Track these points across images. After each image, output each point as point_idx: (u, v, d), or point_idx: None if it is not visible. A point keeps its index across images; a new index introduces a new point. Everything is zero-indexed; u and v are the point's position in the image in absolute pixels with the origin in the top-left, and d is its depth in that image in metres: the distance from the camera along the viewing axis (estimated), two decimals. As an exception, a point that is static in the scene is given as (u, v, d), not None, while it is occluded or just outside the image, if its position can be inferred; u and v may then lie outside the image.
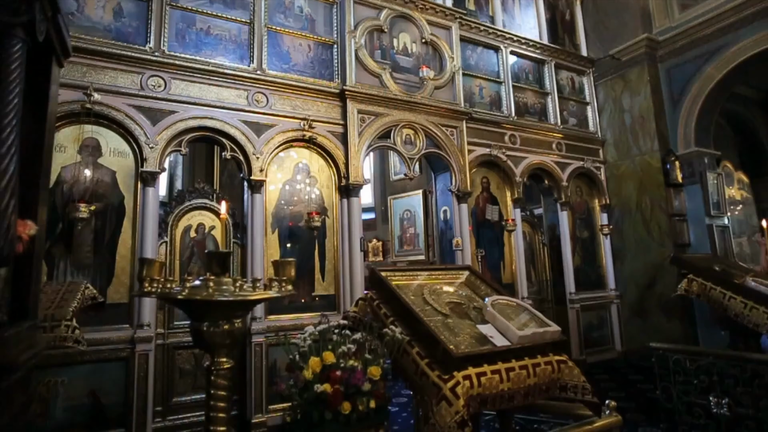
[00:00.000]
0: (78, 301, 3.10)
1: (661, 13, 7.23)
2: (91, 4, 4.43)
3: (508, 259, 6.68)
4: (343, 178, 5.45)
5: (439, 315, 2.12)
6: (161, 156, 4.53)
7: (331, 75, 5.61)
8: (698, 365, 3.30)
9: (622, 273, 7.42)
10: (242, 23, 5.13)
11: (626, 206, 7.42)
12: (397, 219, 11.32)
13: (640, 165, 7.23)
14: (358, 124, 5.59)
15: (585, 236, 7.56)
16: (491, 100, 7.01)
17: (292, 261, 1.82)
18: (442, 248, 6.55)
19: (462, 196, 6.24)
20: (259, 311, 4.82)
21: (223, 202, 2.11)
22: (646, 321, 7.00)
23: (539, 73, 7.65)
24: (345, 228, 5.44)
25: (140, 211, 4.42)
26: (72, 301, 3.05)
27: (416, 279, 2.38)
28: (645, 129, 7.16)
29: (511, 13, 7.55)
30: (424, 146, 6.06)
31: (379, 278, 2.24)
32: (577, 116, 7.88)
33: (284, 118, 5.19)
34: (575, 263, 7.23)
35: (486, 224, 6.64)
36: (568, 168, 7.44)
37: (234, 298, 1.51)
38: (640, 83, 7.24)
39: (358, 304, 2.31)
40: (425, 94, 6.09)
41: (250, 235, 4.92)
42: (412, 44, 6.20)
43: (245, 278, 1.70)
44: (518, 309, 2.22)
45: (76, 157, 4.25)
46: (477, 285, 2.48)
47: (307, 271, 5.23)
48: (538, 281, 7.40)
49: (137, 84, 4.49)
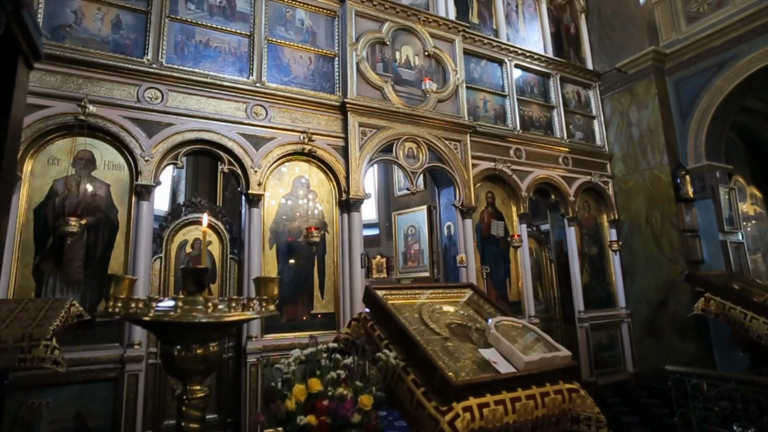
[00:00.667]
0: (61, 319, 2.94)
1: (667, 26, 7.13)
2: (89, 16, 4.39)
3: (514, 276, 6.47)
4: (343, 192, 5.32)
5: (438, 338, 1.94)
6: (156, 169, 4.42)
7: (332, 88, 5.53)
8: (719, 391, 3.07)
9: (633, 291, 7.17)
10: (242, 36, 5.08)
11: (636, 222, 7.21)
12: (402, 235, 11.16)
13: (649, 179, 7.05)
14: (359, 138, 5.48)
15: (593, 252, 7.34)
16: (496, 113, 6.90)
17: (275, 278, 1.66)
18: (446, 265, 6.37)
19: (466, 211, 6.08)
20: (255, 330, 4.65)
21: (204, 215, 1.96)
22: (658, 341, 6.72)
23: (544, 86, 7.54)
24: (345, 244, 5.29)
25: (134, 226, 4.30)
26: (54, 319, 2.89)
27: (414, 298, 2.21)
28: (653, 142, 6.99)
29: (515, 27, 7.48)
30: (427, 160, 5.93)
31: (373, 297, 2.07)
32: (583, 130, 7.74)
33: (284, 131, 5.09)
34: (584, 280, 7.01)
35: (491, 240, 6.45)
36: (575, 182, 7.27)
37: (206, 320, 1.36)
38: (648, 96, 7.10)
39: (351, 325, 2.14)
40: (428, 107, 5.99)
41: (247, 250, 4.78)
42: (414, 57, 6.13)
43: (225, 297, 1.54)
44: (524, 331, 2.04)
45: (69, 170, 4.15)
46: (480, 304, 2.30)
47: (306, 289, 5.07)
48: (545, 299, 7.18)
49: (134, 96, 4.41)
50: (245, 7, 5.15)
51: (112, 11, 4.50)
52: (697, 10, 6.85)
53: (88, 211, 4.16)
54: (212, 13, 4.98)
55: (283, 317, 4.91)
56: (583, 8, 8.24)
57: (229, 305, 1.43)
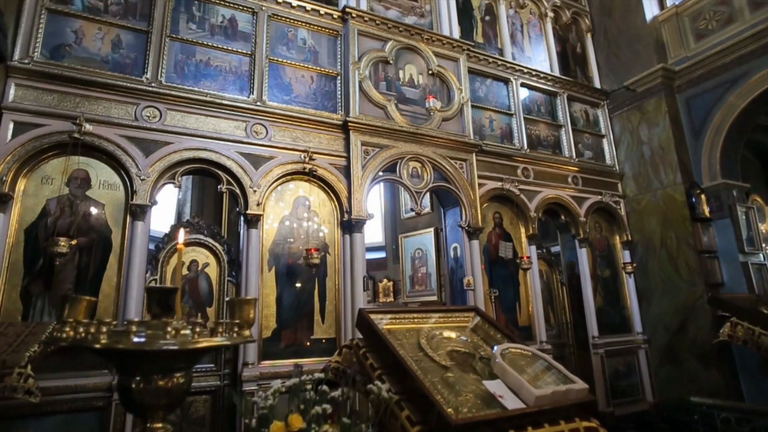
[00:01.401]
0: (40, 344, 2.78)
1: (675, 44, 7.02)
2: (89, 35, 4.38)
3: (524, 299, 6.21)
4: (345, 212, 5.16)
5: (438, 367, 1.74)
6: (152, 188, 4.31)
7: (334, 107, 5.45)
8: (753, 426, 2.79)
9: (650, 315, 6.84)
10: (243, 55, 5.04)
11: (650, 243, 6.94)
12: (409, 258, 10.94)
13: (662, 199, 6.81)
14: (362, 157, 5.35)
15: (606, 275, 7.05)
16: (502, 132, 6.77)
17: (251, 300, 1.48)
18: (453, 288, 6.13)
19: (473, 232, 5.88)
20: (252, 356, 4.44)
21: (181, 230, 1.80)
22: (679, 368, 6.36)
23: (551, 105, 7.42)
24: (347, 266, 5.10)
25: (128, 247, 4.16)
26: (32, 344, 2.73)
27: (412, 323, 2.02)
28: (666, 161, 6.79)
29: (520, 46, 7.42)
30: (431, 180, 5.78)
31: (366, 322, 1.88)
32: (592, 149, 7.57)
33: (284, 150, 4.99)
34: (597, 304, 6.71)
35: (499, 262, 6.22)
36: (586, 203, 7.05)
37: (164, 347, 1.18)
38: (658, 114, 6.94)
39: (343, 352, 1.94)
40: (432, 126, 5.87)
41: (244, 272, 4.61)
42: (418, 76, 6.05)
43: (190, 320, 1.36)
44: (534, 360, 1.82)
45: (63, 190, 4.05)
46: (485, 330, 2.10)
47: (306, 313, 4.87)
48: (557, 324, 6.88)
49: (131, 115, 4.34)
50: (247, 27, 5.13)
51: (113, 31, 4.49)
52: (705, 27, 6.74)
53: (80, 232, 4.04)
54: (213, 33, 4.95)
55: (282, 342, 4.70)
56: (589, 27, 8.19)
57: (194, 330, 1.26)
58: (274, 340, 4.66)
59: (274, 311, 4.73)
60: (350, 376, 1.70)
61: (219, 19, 5.01)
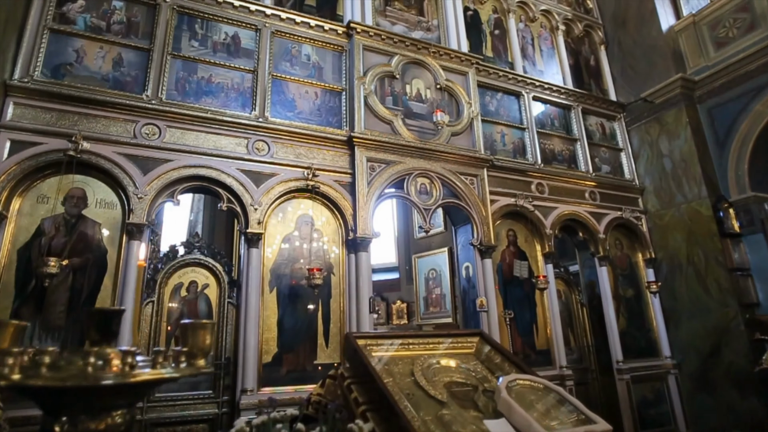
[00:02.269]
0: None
1: (694, 53, 6.76)
2: (90, 54, 4.35)
3: (542, 321, 5.86)
4: (350, 231, 4.96)
5: (432, 403, 1.49)
6: (150, 207, 4.19)
7: (339, 122, 5.31)
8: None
9: (678, 338, 6.39)
10: (246, 71, 4.96)
11: (675, 260, 6.54)
12: (422, 279, 10.64)
13: (687, 214, 6.44)
14: (368, 173, 5.17)
15: (629, 295, 6.65)
16: (515, 147, 6.54)
17: (207, 324, 1.27)
18: (465, 309, 5.83)
19: (485, 250, 5.60)
20: (251, 382, 4.21)
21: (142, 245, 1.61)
22: (714, 397, 5.87)
23: (565, 119, 7.18)
24: (352, 286, 4.87)
25: (123, 267, 4.01)
26: None
27: (407, 349, 1.78)
28: (689, 174, 6.45)
29: (531, 60, 7.25)
30: (441, 196, 5.55)
31: (353, 348, 1.65)
32: (610, 163, 7.26)
33: (286, 167, 4.84)
34: (620, 326, 6.30)
35: (514, 282, 5.91)
36: (605, 219, 6.72)
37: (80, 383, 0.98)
38: (679, 125, 6.63)
39: (326, 383, 1.70)
40: (441, 141, 5.68)
41: (244, 294, 4.42)
42: (426, 90, 5.90)
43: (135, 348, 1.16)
44: (546, 394, 1.56)
45: (59, 208, 3.96)
46: (490, 357, 1.84)
47: (309, 336, 4.64)
48: (578, 347, 6.47)
49: (130, 132, 4.26)
50: (250, 44, 5.07)
51: (115, 49, 4.46)
52: (726, 35, 6.48)
53: (75, 252, 3.91)
54: (216, 50, 4.90)
55: (283, 368, 4.46)
56: (602, 40, 7.99)
57: (124, 360, 1.05)
58: (275, 365, 4.42)
59: (275, 335, 4.51)
60: (331, 412, 1.46)
61: (222, 37, 4.96)
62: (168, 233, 8.49)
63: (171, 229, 9.11)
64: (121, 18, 4.55)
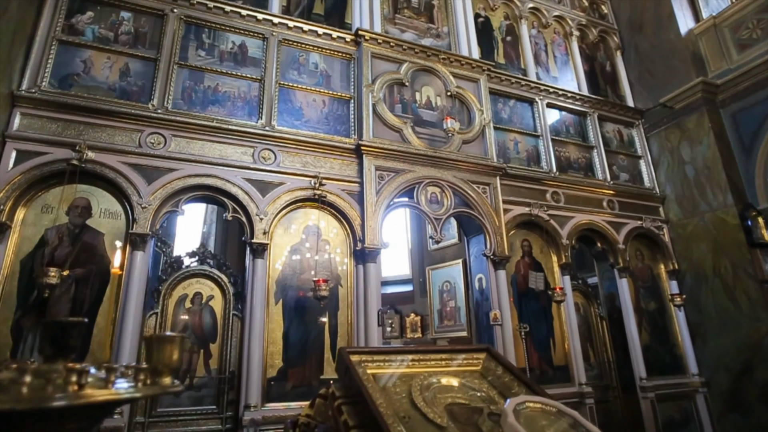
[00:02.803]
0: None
1: (715, 56, 6.52)
2: (98, 65, 4.35)
3: (559, 335, 5.61)
4: (358, 241, 4.83)
5: (431, 428, 1.33)
6: (154, 217, 4.12)
7: (347, 131, 5.22)
8: None
9: (706, 354, 6.04)
10: (252, 80, 4.92)
11: (700, 272, 6.23)
12: (437, 291, 10.41)
13: (712, 223, 6.14)
14: (376, 182, 5.05)
15: (652, 308, 6.35)
16: (528, 155, 6.36)
17: (175, 338, 1.14)
18: (479, 323, 5.62)
19: (499, 261, 5.41)
20: (255, 398, 4.07)
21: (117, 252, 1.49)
22: (747, 418, 5.50)
23: (581, 126, 6.98)
24: (360, 299, 4.72)
25: (125, 278, 3.94)
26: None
27: (406, 366, 1.62)
28: (713, 181, 6.16)
29: (544, 66, 7.09)
30: (452, 205, 5.39)
31: (345, 364, 1.51)
32: (629, 171, 7.01)
33: (293, 176, 4.75)
34: (643, 341, 6.00)
35: (529, 294, 5.68)
36: (624, 228, 6.46)
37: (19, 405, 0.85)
38: (701, 131, 6.37)
39: (316, 403, 1.56)
40: (452, 149, 5.54)
41: (249, 306, 4.31)
42: (436, 97, 5.79)
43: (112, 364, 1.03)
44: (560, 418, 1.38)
45: (63, 218, 3.92)
46: (498, 376, 1.67)
47: (315, 350, 4.49)
48: (598, 363, 6.17)
49: (135, 142, 4.23)
50: (257, 53, 5.03)
51: (122, 60, 4.46)
52: (749, 36, 6.23)
53: (78, 262, 3.86)
54: (223, 59, 4.87)
55: (288, 383, 4.32)
56: (618, 45, 7.80)
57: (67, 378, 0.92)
58: (279, 380, 4.28)
59: (281, 348, 4.38)
60: (318, 437, 1.32)
61: (229, 46, 4.94)
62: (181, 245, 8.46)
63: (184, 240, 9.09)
64: (129, 28, 4.56)
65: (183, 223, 9.15)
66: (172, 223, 8.28)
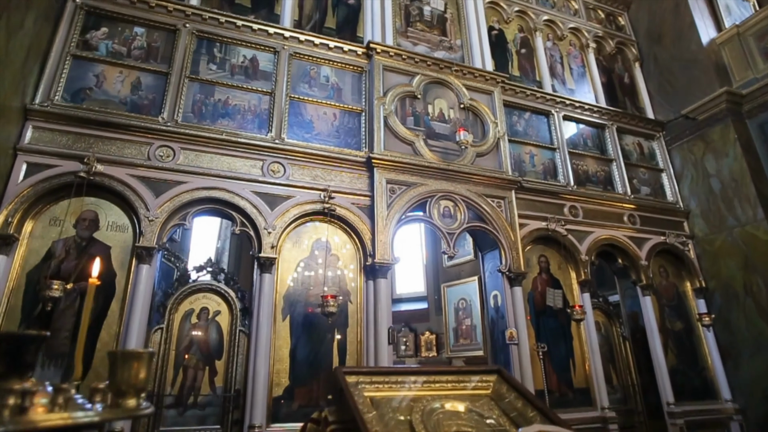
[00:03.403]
0: None
1: (739, 65, 6.30)
2: (110, 78, 4.39)
3: (579, 356, 5.34)
4: (368, 256, 4.70)
5: (432, 460, 1.18)
6: (161, 230, 4.07)
7: (358, 144, 5.15)
8: None
9: (740, 378, 5.68)
10: (263, 93, 4.90)
11: (730, 290, 5.90)
12: (452, 309, 10.18)
13: (741, 238, 5.84)
14: (387, 195, 4.94)
15: (678, 328, 6.03)
16: (545, 168, 6.18)
17: (143, 354, 1.03)
18: (494, 341, 5.39)
19: (515, 277, 5.21)
20: (259, 417, 3.93)
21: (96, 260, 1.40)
22: (786, 449, 5.12)
23: (599, 138, 6.79)
24: (370, 315, 4.57)
25: (131, 292, 3.88)
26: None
27: (408, 389, 1.48)
28: (741, 195, 5.88)
29: (560, 78, 6.96)
30: (465, 219, 5.24)
31: (339, 386, 1.37)
32: (650, 184, 6.77)
33: (302, 189, 4.68)
34: (669, 363, 5.67)
35: (547, 312, 5.45)
36: (646, 244, 6.19)
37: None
38: (726, 143, 6.12)
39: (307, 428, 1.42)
40: (465, 162, 5.41)
41: (255, 321, 4.20)
42: (449, 110, 5.69)
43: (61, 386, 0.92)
44: (580, 453, 1.22)
45: (70, 231, 3.90)
46: (510, 401, 1.51)
47: (323, 368, 4.34)
48: (621, 386, 5.85)
49: (144, 154, 4.21)
50: (268, 66, 5.03)
51: (134, 74, 4.49)
52: (774, 44, 6.02)
53: (83, 276, 3.81)
54: (234, 73, 4.88)
55: (295, 402, 4.17)
56: (637, 56, 7.63)
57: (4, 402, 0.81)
58: (286, 399, 4.14)
59: (287, 366, 4.24)
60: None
61: (240, 60, 4.95)
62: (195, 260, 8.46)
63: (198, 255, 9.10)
64: (142, 43, 4.60)
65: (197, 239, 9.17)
66: (186, 238, 8.30)
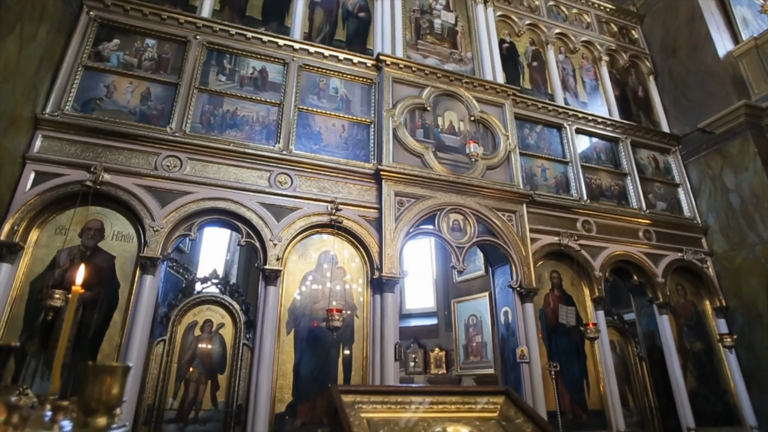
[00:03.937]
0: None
1: (758, 78, 6.15)
2: (120, 89, 4.42)
3: (593, 376, 5.14)
4: (375, 269, 4.61)
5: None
6: (165, 241, 4.04)
7: (366, 156, 5.10)
8: None
9: (765, 403, 5.40)
10: (272, 104, 4.89)
11: (752, 309, 5.67)
12: (462, 325, 9.99)
13: (764, 256, 5.63)
14: (396, 208, 4.86)
15: (698, 349, 5.79)
16: (557, 182, 6.06)
17: (116, 368, 0.95)
18: (504, 359, 5.22)
19: (526, 293, 5.06)
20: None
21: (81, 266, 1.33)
22: (815, 480, 4.83)
23: (613, 152, 6.65)
24: (377, 330, 4.46)
25: (134, 302, 3.83)
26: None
27: (408, 410, 1.38)
28: (762, 210, 5.69)
29: (573, 92, 6.87)
30: (475, 233, 5.13)
31: (334, 407, 1.28)
32: (666, 199, 6.59)
33: (309, 201, 4.62)
34: (689, 385, 5.43)
35: (560, 330, 5.28)
36: (663, 260, 6.00)
37: None
38: (746, 157, 5.95)
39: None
40: (476, 175, 5.32)
41: (258, 334, 4.12)
42: (459, 122, 5.62)
43: None
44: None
45: (76, 240, 3.88)
46: (519, 425, 1.40)
47: (327, 385, 4.20)
48: (638, 408, 5.61)
49: (151, 164, 4.21)
50: (277, 77, 5.03)
51: (144, 84, 4.51)
52: (794, 57, 5.87)
53: (87, 286, 3.77)
54: (243, 84, 4.89)
55: (298, 419, 4.06)
56: (651, 70, 7.52)
57: None
58: (289, 416, 4.02)
59: (291, 381, 4.13)
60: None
61: (249, 71, 4.96)
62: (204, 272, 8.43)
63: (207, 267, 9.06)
64: (153, 54, 4.64)
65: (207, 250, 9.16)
66: (195, 250, 8.29)
